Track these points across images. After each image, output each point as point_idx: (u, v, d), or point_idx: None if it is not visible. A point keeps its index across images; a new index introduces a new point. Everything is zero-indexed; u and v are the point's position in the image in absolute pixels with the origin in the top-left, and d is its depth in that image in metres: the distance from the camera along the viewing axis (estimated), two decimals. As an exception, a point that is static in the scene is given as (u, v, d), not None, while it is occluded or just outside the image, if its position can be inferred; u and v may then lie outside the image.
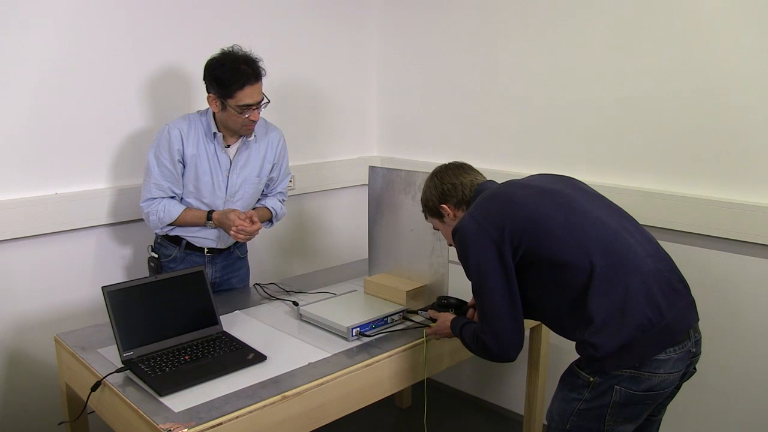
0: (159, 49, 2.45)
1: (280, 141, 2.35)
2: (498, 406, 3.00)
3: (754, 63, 2.06)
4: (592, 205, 1.65)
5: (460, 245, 1.65)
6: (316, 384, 1.67)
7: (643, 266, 1.52)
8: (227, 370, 1.69)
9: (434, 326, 1.92)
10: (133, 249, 2.52)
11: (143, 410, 1.52)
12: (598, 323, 1.49)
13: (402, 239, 2.22)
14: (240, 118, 2.10)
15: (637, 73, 2.32)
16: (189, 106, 2.50)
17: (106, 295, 1.74)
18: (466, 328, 1.75)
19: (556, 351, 2.50)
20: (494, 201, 1.67)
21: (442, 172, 1.85)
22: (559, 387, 1.64)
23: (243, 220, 2.14)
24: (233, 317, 2.09)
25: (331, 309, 2.06)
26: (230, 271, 2.40)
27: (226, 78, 2.04)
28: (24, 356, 2.30)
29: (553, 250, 1.55)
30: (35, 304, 2.30)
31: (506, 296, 1.59)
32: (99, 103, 2.33)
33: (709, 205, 2.18)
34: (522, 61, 2.65)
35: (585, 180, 1.83)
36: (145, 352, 1.76)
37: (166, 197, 2.18)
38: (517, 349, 1.63)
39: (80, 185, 2.34)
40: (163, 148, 2.14)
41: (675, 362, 1.51)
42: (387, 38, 3.18)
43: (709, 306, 2.17)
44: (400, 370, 1.90)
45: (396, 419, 2.97)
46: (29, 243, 2.24)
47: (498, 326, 1.61)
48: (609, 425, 1.55)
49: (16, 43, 2.12)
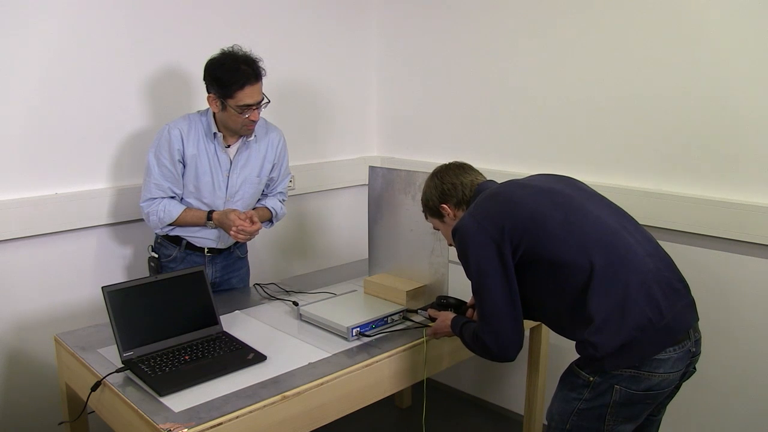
0: (159, 48, 2.45)
1: (280, 141, 2.35)
2: (498, 406, 3.01)
3: (753, 63, 2.06)
4: (592, 204, 1.65)
5: (460, 244, 1.65)
6: (316, 384, 1.67)
7: (643, 266, 1.52)
8: (227, 370, 1.69)
9: (434, 325, 1.92)
10: (134, 249, 2.52)
11: (143, 410, 1.51)
12: (598, 323, 1.49)
13: (402, 239, 2.22)
14: (240, 118, 2.10)
15: (637, 73, 2.32)
16: (189, 105, 2.50)
17: (105, 295, 1.74)
18: (466, 327, 1.75)
19: (556, 351, 2.50)
20: (494, 200, 1.67)
21: (443, 172, 1.85)
22: (559, 387, 1.64)
23: (243, 220, 2.14)
24: (233, 317, 2.09)
25: (331, 309, 2.06)
26: (230, 271, 2.40)
27: (226, 78, 2.04)
28: (24, 356, 2.30)
29: (553, 250, 1.55)
30: (35, 304, 2.30)
31: (506, 295, 1.59)
32: (99, 103, 2.33)
33: (709, 205, 2.18)
34: (522, 61, 2.65)
35: (585, 180, 1.84)
36: (145, 352, 1.76)
37: (166, 197, 2.18)
38: (516, 348, 1.63)
39: (80, 185, 2.34)
40: (164, 148, 2.13)
41: (675, 362, 1.51)
42: (387, 38, 3.18)
43: (709, 306, 2.17)
44: (400, 370, 1.90)
45: (396, 419, 2.97)
46: (29, 243, 2.24)
47: (498, 326, 1.61)
48: (609, 425, 1.55)
49: (16, 43, 2.12)
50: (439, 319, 1.91)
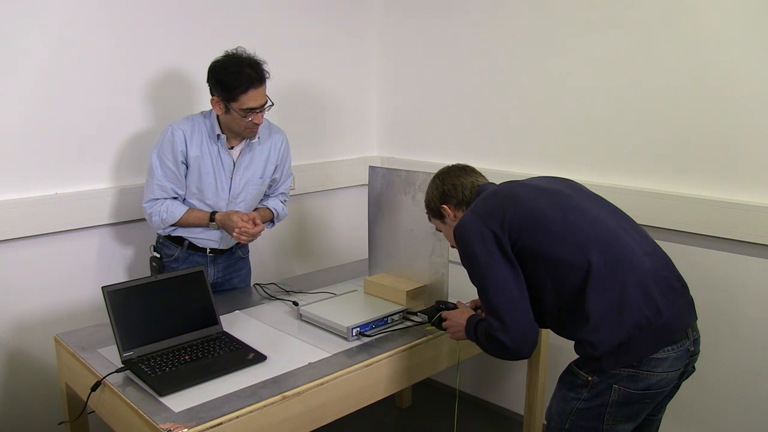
0: (161, 49, 2.45)
1: (283, 143, 2.35)
2: (498, 406, 3.01)
3: (753, 63, 2.06)
4: (590, 204, 1.65)
5: (461, 240, 1.64)
6: (316, 384, 1.67)
7: (641, 265, 1.53)
8: (227, 370, 1.69)
9: (450, 330, 1.85)
10: (135, 249, 2.52)
11: (143, 410, 1.52)
12: (596, 321, 1.49)
13: (402, 239, 2.22)
14: (244, 121, 2.10)
15: (637, 73, 2.32)
16: (191, 106, 2.51)
17: (105, 295, 1.74)
18: (479, 326, 1.69)
19: (556, 351, 2.50)
20: (495, 198, 1.68)
21: (444, 173, 1.86)
22: (558, 386, 1.65)
23: (246, 221, 2.14)
24: (233, 317, 2.09)
25: (331, 309, 2.06)
26: (232, 271, 2.40)
27: (230, 82, 2.03)
28: (24, 356, 2.30)
29: (551, 248, 1.55)
30: (35, 304, 2.30)
31: (513, 286, 1.56)
32: (100, 103, 2.33)
33: (709, 205, 2.18)
34: (522, 61, 2.65)
35: (585, 180, 1.84)
36: (145, 352, 1.76)
37: (168, 198, 2.18)
38: (531, 341, 1.56)
39: (82, 185, 2.34)
40: (167, 149, 2.13)
41: (673, 361, 1.52)
42: (387, 39, 3.18)
43: (708, 306, 2.17)
44: (400, 370, 1.90)
45: (396, 419, 2.97)
46: (29, 243, 2.25)
47: (508, 318, 1.55)
48: (608, 424, 1.55)
49: (17, 43, 2.12)
50: (452, 320, 1.84)
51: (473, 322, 1.73)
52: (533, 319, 1.59)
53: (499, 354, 1.63)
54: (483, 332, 1.65)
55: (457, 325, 1.80)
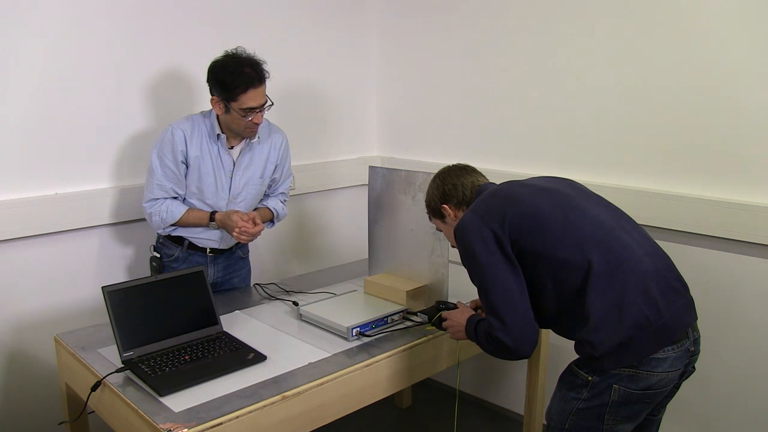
0: (161, 49, 2.45)
1: (283, 142, 2.35)
2: (498, 406, 3.01)
3: (754, 62, 2.06)
4: (591, 204, 1.65)
5: (461, 239, 1.64)
6: (316, 384, 1.67)
7: (641, 265, 1.53)
8: (227, 370, 1.70)
9: (450, 330, 1.85)
10: (135, 249, 2.52)
11: (143, 410, 1.52)
12: (596, 321, 1.49)
13: (402, 239, 2.22)
14: (243, 120, 2.10)
15: (637, 74, 2.32)
16: (191, 106, 2.51)
17: (105, 295, 1.74)
18: (479, 326, 1.69)
19: (556, 351, 2.50)
20: (495, 197, 1.68)
21: (445, 173, 1.86)
22: (558, 386, 1.64)
23: (246, 221, 2.15)
24: (233, 317, 2.09)
25: (331, 309, 2.06)
26: (232, 271, 2.40)
27: (229, 81, 2.03)
28: (24, 356, 2.30)
29: (551, 247, 1.55)
30: (35, 304, 2.30)
31: (513, 286, 1.56)
32: (101, 103, 2.33)
33: (709, 205, 2.18)
34: (521, 62, 2.65)
35: (585, 180, 1.84)
36: (145, 352, 1.76)
37: (168, 198, 2.19)
38: (532, 340, 1.57)
39: (82, 185, 2.34)
40: (167, 148, 2.14)
41: (673, 361, 1.52)
42: (387, 39, 3.18)
43: (708, 306, 2.17)
44: (400, 370, 1.90)
45: (396, 419, 2.97)
46: (30, 243, 2.25)
47: (508, 318, 1.55)
48: (608, 424, 1.55)
49: (17, 43, 2.12)
50: (452, 320, 1.84)
51: (473, 322, 1.73)
52: (533, 318, 1.59)
53: (499, 354, 1.63)
54: (483, 332, 1.65)
55: (458, 325, 1.80)
